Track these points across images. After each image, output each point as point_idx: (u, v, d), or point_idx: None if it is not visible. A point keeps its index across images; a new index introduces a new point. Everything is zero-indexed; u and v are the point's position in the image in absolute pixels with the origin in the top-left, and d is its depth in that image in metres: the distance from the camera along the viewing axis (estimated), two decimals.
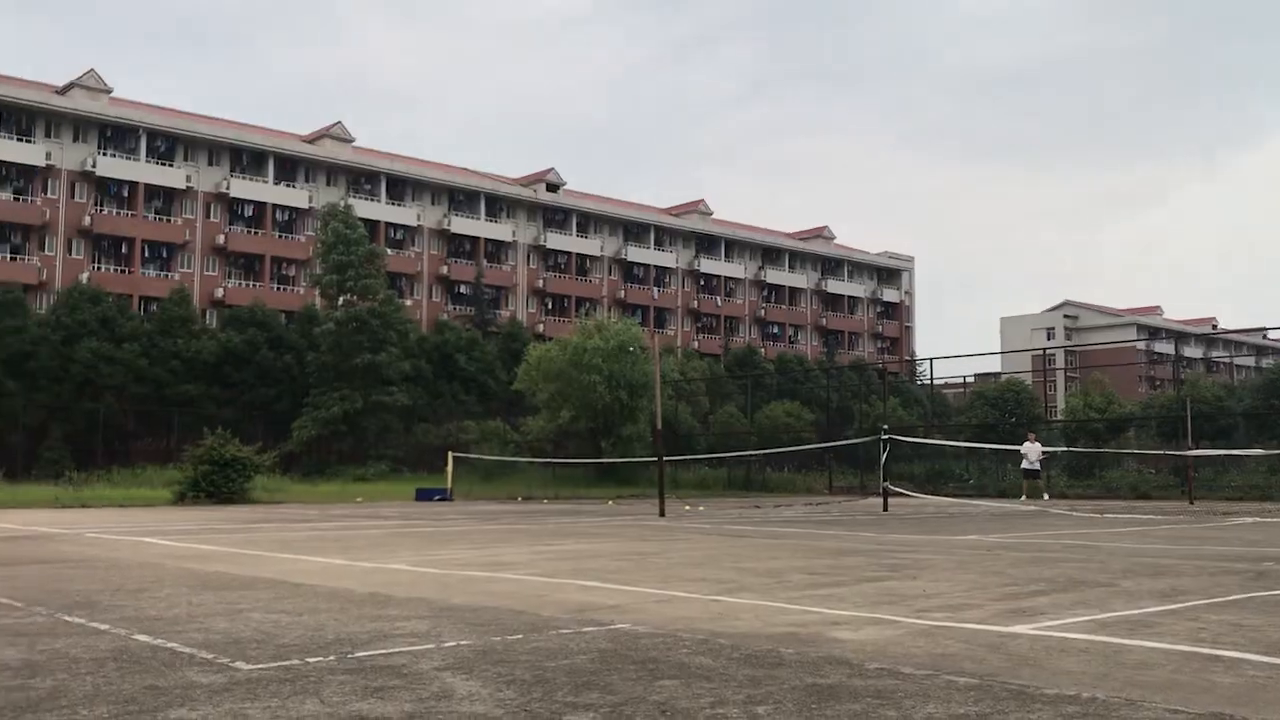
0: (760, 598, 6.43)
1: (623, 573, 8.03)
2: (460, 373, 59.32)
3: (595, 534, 13.42)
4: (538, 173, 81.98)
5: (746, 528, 15.14)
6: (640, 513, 20.65)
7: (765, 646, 4.62)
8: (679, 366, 53.43)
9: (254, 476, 28.13)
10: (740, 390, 51.69)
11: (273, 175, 68.40)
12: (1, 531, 14.06)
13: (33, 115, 60.74)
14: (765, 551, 10.38)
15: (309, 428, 49.35)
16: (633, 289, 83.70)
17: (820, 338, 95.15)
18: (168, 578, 7.75)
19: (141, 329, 52.26)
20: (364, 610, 5.85)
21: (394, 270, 65.77)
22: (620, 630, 5.06)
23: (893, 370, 68.56)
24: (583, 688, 3.74)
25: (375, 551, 10.48)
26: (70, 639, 4.82)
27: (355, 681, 3.84)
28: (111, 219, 61.91)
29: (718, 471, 39.83)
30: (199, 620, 5.44)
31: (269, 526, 15.66)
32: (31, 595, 6.59)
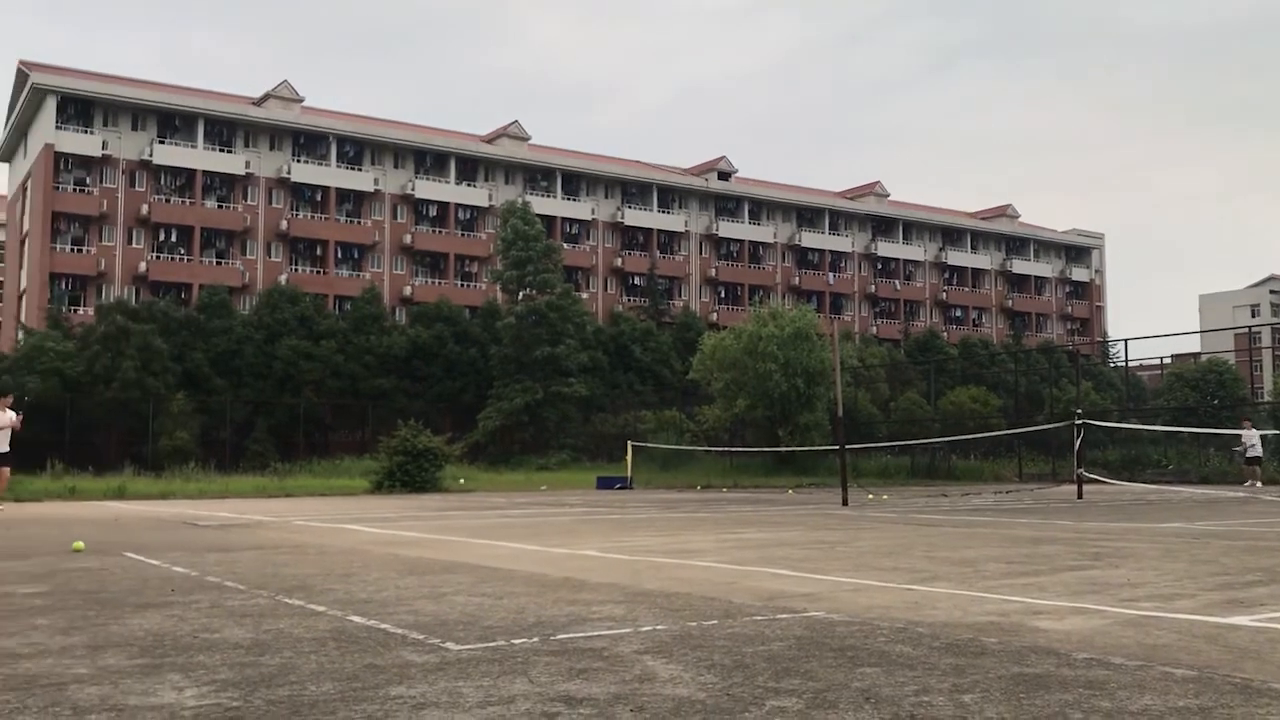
0: (956, 586, 6.29)
1: (811, 561, 7.98)
2: (636, 363, 60.04)
3: (779, 522, 13.37)
4: (709, 162, 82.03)
5: (935, 516, 14.82)
6: (822, 501, 20.46)
7: (966, 635, 4.52)
8: (857, 353, 52.65)
9: (444, 466, 29.18)
10: (922, 376, 50.56)
11: (454, 176, 70.65)
12: (217, 520, 14.99)
13: (233, 126, 64.44)
14: (957, 540, 10.14)
15: (493, 418, 50.84)
16: (807, 275, 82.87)
17: (1006, 320, 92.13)
18: (373, 563, 8.12)
19: (336, 326, 54.85)
20: (560, 594, 6.00)
21: (570, 264, 67.06)
22: (815, 618, 5.04)
23: (1084, 352, 65.79)
24: (783, 674, 3.74)
25: (565, 538, 10.72)
26: (291, 620, 5.11)
27: (560, 663, 3.95)
28: (306, 222, 65.15)
29: (900, 460, 39.08)
30: (407, 603, 5.69)
31: (461, 514, 16.21)
32: (251, 579, 7.01)
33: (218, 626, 4.90)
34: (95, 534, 11.58)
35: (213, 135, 63.74)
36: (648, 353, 60.96)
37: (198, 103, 63.53)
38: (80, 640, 4.57)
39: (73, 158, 59.75)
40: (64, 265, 58.90)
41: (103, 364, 45.19)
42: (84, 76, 62.57)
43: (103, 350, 45.69)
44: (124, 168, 60.95)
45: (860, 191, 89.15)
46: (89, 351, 45.91)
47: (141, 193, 61.22)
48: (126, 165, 61.03)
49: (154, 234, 61.22)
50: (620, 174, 77.39)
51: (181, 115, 62.69)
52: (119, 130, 61.19)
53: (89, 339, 46.72)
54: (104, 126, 60.89)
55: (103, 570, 7.66)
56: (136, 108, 61.65)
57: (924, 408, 45.79)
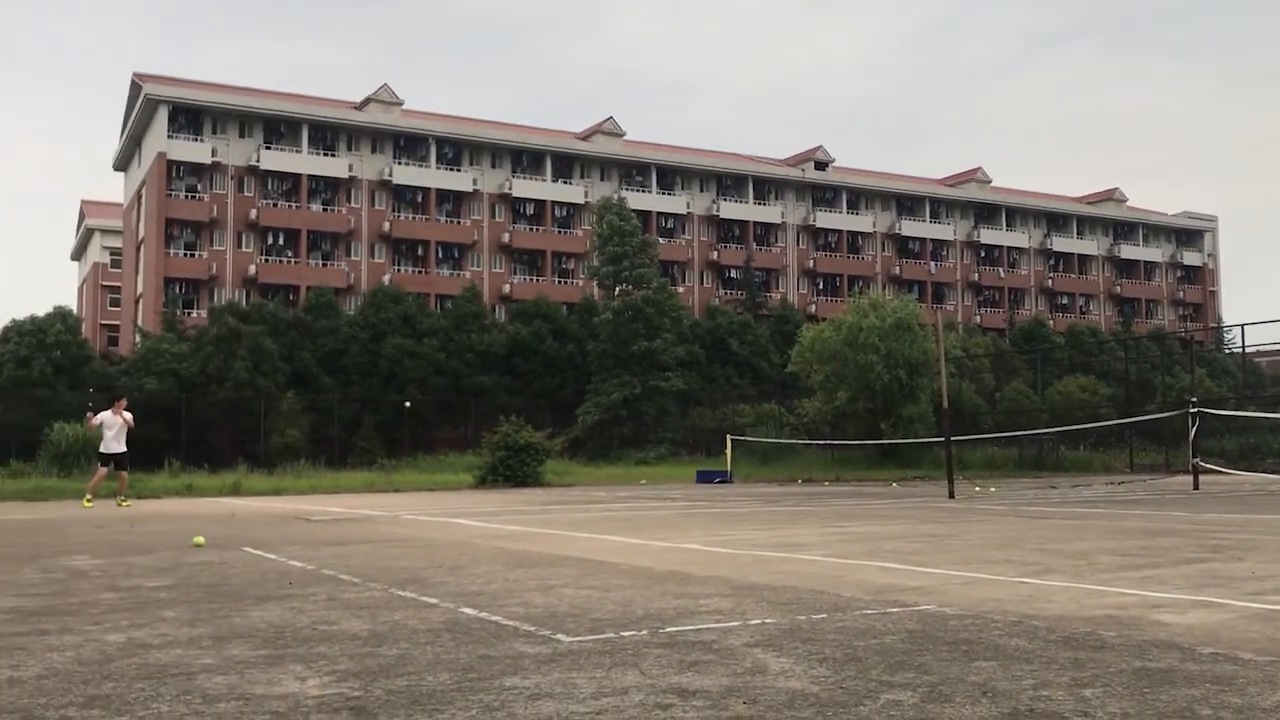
0: (1071, 580, 6.15)
1: (920, 554, 7.88)
2: (733, 356, 59.86)
3: (884, 516, 13.22)
4: (805, 152, 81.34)
5: (1045, 508, 14.50)
6: (927, 494, 20.17)
7: (1083, 629, 4.42)
8: (961, 342, 51.71)
9: (545, 461, 29.47)
10: (1028, 365, 49.43)
11: (550, 173, 71.28)
12: (328, 515, 15.36)
13: (335, 131, 65.96)
14: (1069, 532, 9.91)
15: (592, 413, 51.17)
16: (908, 264, 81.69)
17: (1114, 307, 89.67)
18: (481, 556, 8.25)
19: (438, 325, 55.79)
20: (666, 587, 6.02)
21: (666, 258, 67.16)
22: (927, 611, 4.97)
23: (1198, 338, 63.63)
24: (897, 667, 3.70)
25: (667, 531, 10.75)
26: (406, 611, 5.22)
27: (670, 655, 3.96)
28: (408, 224, 66.39)
29: (1007, 451, 38.25)
30: (517, 595, 5.76)
31: (563, 508, 16.36)
32: (365, 572, 7.17)
33: (335, 618, 5.03)
34: (214, 529, 11.97)
35: (317, 140, 65.32)
36: (745, 346, 60.73)
37: (301, 109, 65.18)
38: (206, 631, 4.73)
39: (184, 165, 61.80)
40: (177, 270, 60.98)
41: (216, 365, 46.69)
42: (193, 86, 64.64)
43: (215, 351, 47.20)
44: (233, 174, 62.85)
45: (961, 178, 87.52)
46: (203, 353, 47.45)
47: (250, 197, 63.06)
48: (235, 171, 62.92)
49: (262, 237, 63.01)
50: (715, 167, 77.21)
51: (286, 121, 64.39)
52: (227, 137, 63.11)
53: (202, 341, 48.30)
54: (213, 134, 62.87)
55: (223, 564, 7.91)
56: (244, 115, 63.49)
57: (1030, 398, 44.74)
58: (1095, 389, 45.95)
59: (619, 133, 74.92)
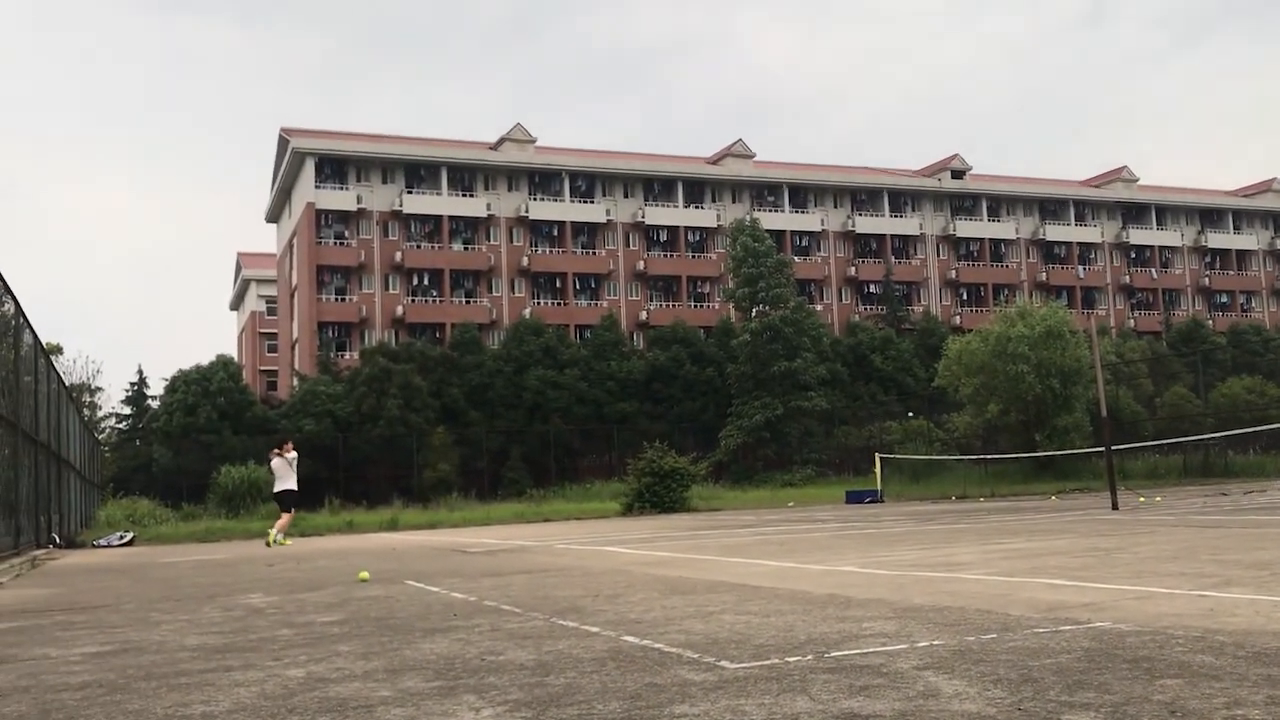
0: (1255, 591, 5.85)
1: (1088, 569, 7.60)
2: (877, 373, 58.96)
3: (1045, 530, 12.80)
4: (941, 161, 79.87)
5: (1217, 517, 13.83)
6: (1088, 506, 19.46)
7: (1275, 644, 4.20)
8: (1115, 348, 49.87)
9: (690, 486, 29.51)
10: (1188, 368, 47.36)
11: (682, 199, 71.68)
12: (483, 546, 15.67)
13: (473, 172, 67.73)
14: (1247, 542, 9.43)
15: (735, 436, 51.04)
16: (1054, 269, 79.28)
17: (1278, 303, 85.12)
18: (637, 583, 8.30)
19: (579, 355, 56.55)
20: (826, 611, 5.95)
21: (802, 277, 66.69)
22: (1101, 629, 4.80)
23: None
24: (1075, 687, 3.58)
25: (821, 554, 10.62)
26: (569, 640, 5.29)
27: (838, 680, 3.92)
28: (545, 257, 67.59)
29: (1170, 459, 36.69)
30: (676, 622, 5.78)
31: (713, 533, 16.33)
32: (525, 602, 7.29)
33: (501, 649, 5.13)
34: (376, 564, 12.34)
35: (455, 182, 67.20)
36: (888, 361, 59.77)
37: (440, 152, 67.16)
38: (380, 664, 4.88)
39: (331, 213, 64.29)
40: (329, 314, 63.35)
41: (369, 404, 48.29)
42: (337, 137, 67.29)
43: (368, 391, 48.83)
44: (377, 219, 65.09)
45: (1106, 178, 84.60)
46: (356, 393, 49.16)
47: (394, 241, 65.17)
48: (380, 216, 65.15)
49: (408, 279, 65.00)
50: (848, 182, 76.46)
51: (426, 165, 66.43)
52: (371, 184, 65.43)
53: (355, 381, 50.04)
54: (357, 182, 65.27)
55: (389, 598, 8.15)
56: (385, 162, 65.77)
57: (1193, 402, 42.85)
58: (1263, 389, 43.74)
59: (749, 154, 74.90)
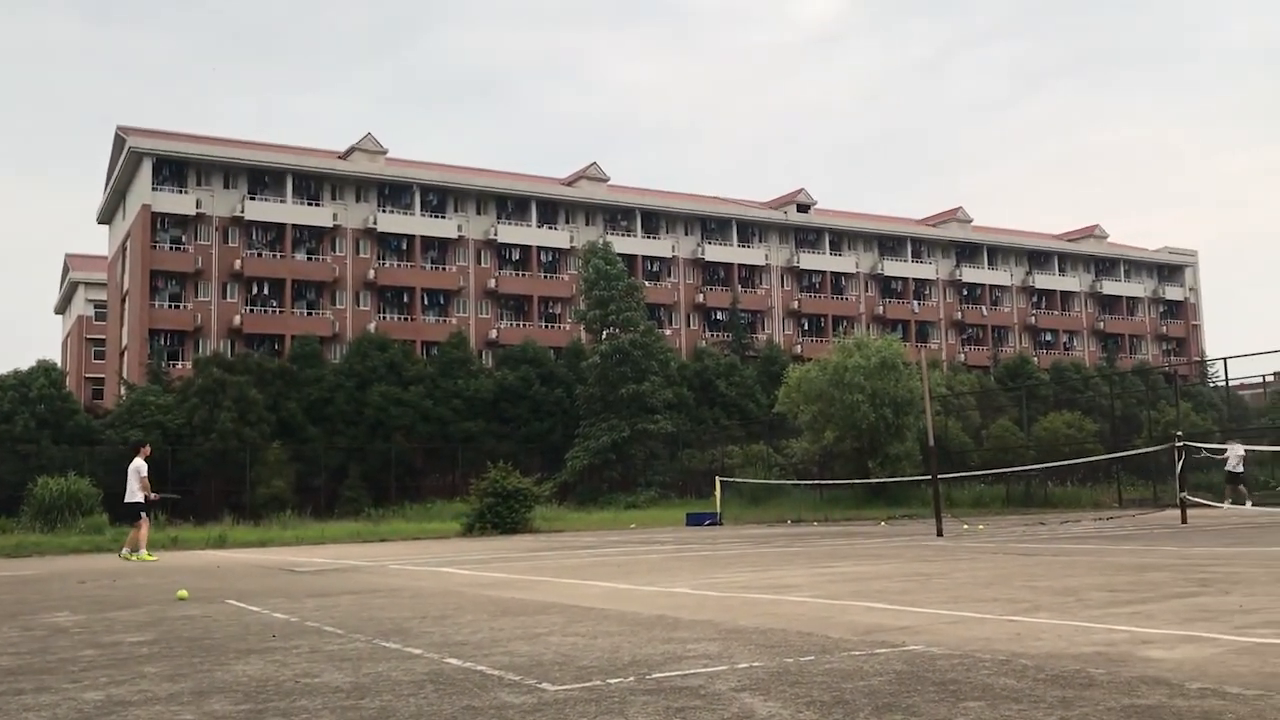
0: (1060, 617, 6.13)
1: (908, 594, 7.84)
2: (721, 398, 59.87)
3: (873, 555, 13.17)
4: (788, 194, 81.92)
5: (1033, 545, 14.47)
6: (915, 533, 20.12)
7: (1072, 667, 4.39)
8: (946, 380, 51.83)
9: (534, 507, 29.34)
10: (1013, 402, 49.52)
11: (536, 219, 71.56)
12: (314, 566, 15.23)
13: (320, 180, 66.18)
14: (1058, 569, 9.88)
15: (581, 458, 51.03)
16: (891, 304, 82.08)
17: (1098, 342, 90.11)
18: (468, 605, 8.18)
19: (424, 372, 55.69)
20: (654, 633, 5.97)
21: (652, 301, 67.32)
22: (914, 652, 4.94)
23: (1182, 373, 63.94)
24: (884, 709, 3.67)
25: (656, 575, 10.68)
26: (389, 663, 5.16)
27: (656, 702, 3.92)
28: (393, 271, 66.44)
29: (994, 488, 38.24)
30: (502, 644, 5.71)
31: (552, 554, 16.26)
32: (349, 623, 7.10)
33: (318, 671, 4.97)
34: (198, 582, 11.85)
35: (301, 190, 65.51)
36: (733, 387, 60.78)
37: (286, 159, 65.41)
38: (187, 687, 4.67)
39: (169, 217, 61.83)
40: (162, 321, 60.81)
41: (201, 416, 46.47)
42: (178, 139, 64.85)
43: (201, 403, 46.99)
44: (217, 225, 62.89)
45: (942, 218, 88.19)
46: (188, 404, 47.25)
47: (235, 248, 63.07)
48: (220, 222, 62.97)
49: (247, 288, 62.94)
50: (699, 210, 77.66)
51: (271, 172, 64.57)
52: (212, 189, 63.22)
53: (188, 392, 48.11)
54: (197, 185, 62.97)
55: (206, 618, 7.83)
56: (228, 166, 63.66)
57: (1017, 435, 44.79)
58: (1081, 425, 46.05)
59: (603, 178, 75.36)
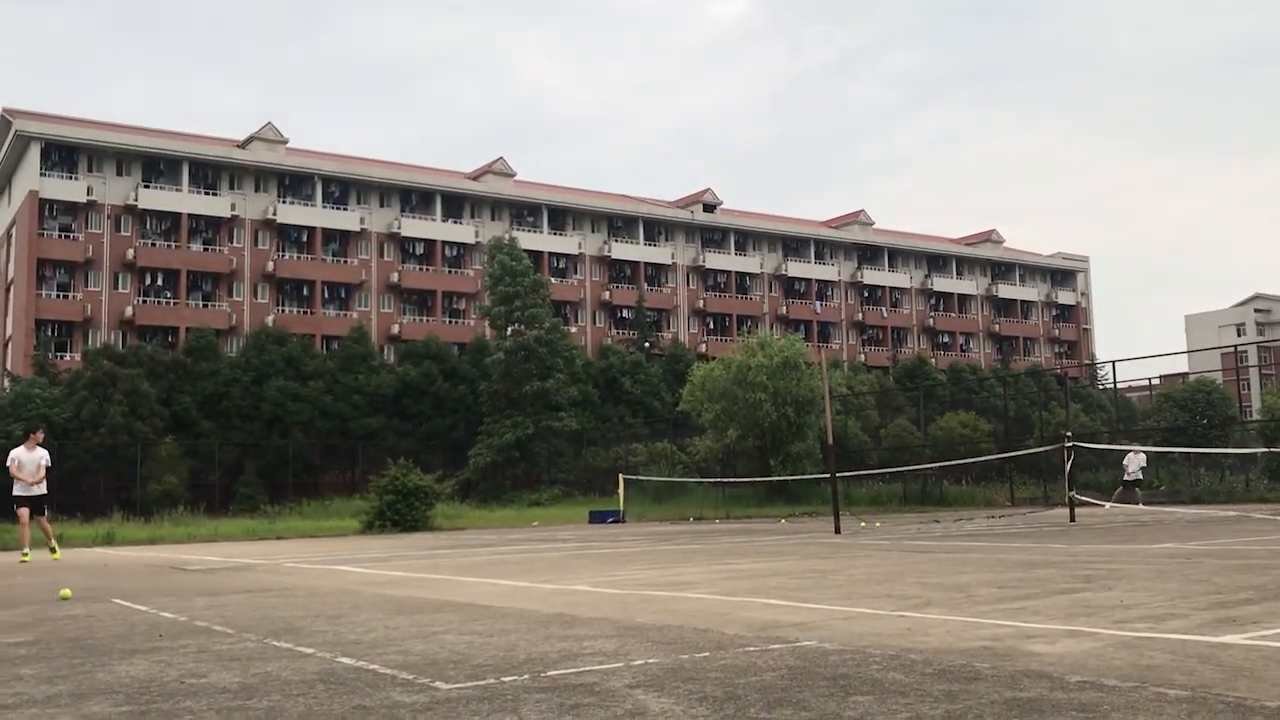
0: (949, 612, 6.27)
1: (804, 590, 7.95)
2: (626, 396, 60.02)
3: (771, 552, 13.32)
4: (694, 194, 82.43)
5: (927, 543, 14.79)
6: (814, 530, 20.41)
7: (959, 661, 4.50)
8: (846, 380, 52.68)
9: (435, 504, 29.02)
10: (911, 402, 50.56)
11: (440, 213, 70.83)
12: (205, 564, 14.87)
13: (217, 169, 64.57)
14: (950, 566, 10.12)
15: (484, 455, 50.68)
16: (794, 304, 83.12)
17: (993, 344, 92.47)
18: (363, 603, 8.06)
19: (324, 367, 54.75)
20: (551, 630, 5.96)
21: (558, 298, 67.11)
22: (807, 647, 5.01)
23: (1072, 375, 65.97)
24: (775, 704, 3.71)
25: (556, 573, 10.66)
26: (280, 662, 5.06)
27: (550, 699, 3.91)
28: (293, 263, 65.15)
29: (892, 486, 39.02)
30: (396, 643, 5.64)
31: (452, 552, 16.12)
32: (239, 622, 6.94)
33: (205, 671, 4.85)
34: (83, 581, 11.48)
35: (198, 179, 63.83)
36: (638, 385, 60.96)
37: (182, 146, 63.67)
38: (65, 689, 4.52)
39: (57, 204, 59.72)
40: (50, 311, 58.72)
41: (90, 410, 45.00)
42: (68, 123, 62.68)
43: (90, 396, 45.50)
44: (109, 213, 60.95)
45: (845, 220, 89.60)
46: (76, 397, 45.72)
47: (127, 237, 61.20)
48: (112, 210, 61.02)
49: (140, 278, 61.13)
50: (606, 208, 77.69)
51: (166, 159, 62.80)
52: (104, 176, 61.24)
53: (76, 385, 46.54)
54: (89, 172, 60.94)
55: (90, 617, 7.58)
56: (121, 153, 61.73)
57: (914, 434, 45.76)
58: (976, 425, 47.20)
59: (510, 173, 74.93)
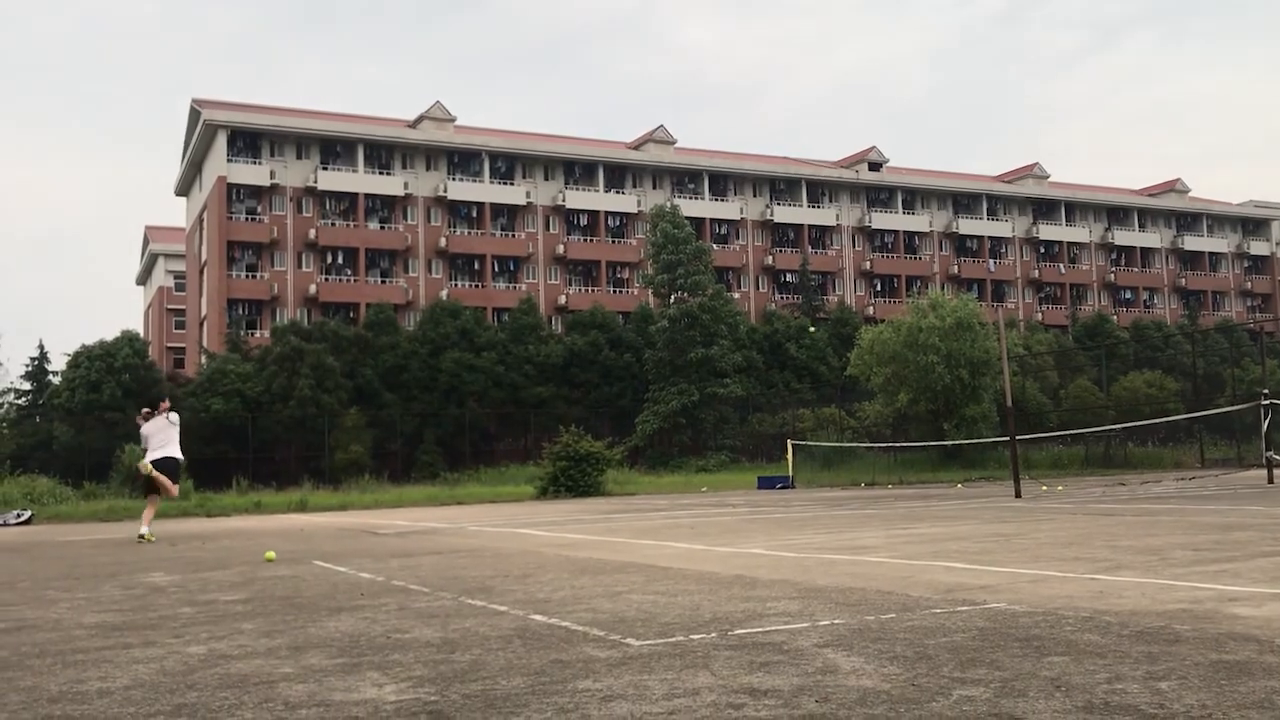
0: (1143, 575, 6.07)
1: (988, 554, 7.82)
2: (791, 361, 59.61)
3: (950, 517, 13.10)
4: (858, 153, 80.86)
5: (1114, 505, 14.28)
6: (992, 495, 19.95)
7: (1157, 624, 4.37)
8: (1023, 340, 51.07)
9: (605, 470, 29.55)
10: (1092, 362, 48.69)
11: (603, 184, 71.53)
12: (394, 528, 15.55)
13: (390, 149, 66.78)
14: (1140, 529, 9.76)
15: (651, 422, 51.24)
16: (966, 263, 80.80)
17: (1179, 300, 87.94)
18: (548, 564, 8.32)
19: (496, 338, 56.19)
20: (733, 591, 6.04)
21: (720, 264, 67.05)
22: (996, 609, 4.95)
23: (1268, 329, 62.24)
24: (968, 664, 3.70)
25: (730, 537, 10.75)
26: (476, 619, 5.29)
27: (740, 657, 3.99)
28: (463, 239, 66.98)
29: (1073, 449, 37.71)
30: (584, 601, 5.82)
31: (626, 516, 16.41)
32: (434, 582, 7.27)
33: (408, 627, 5.11)
34: (284, 544, 12.17)
35: (372, 159, 66.20)
36: (803, 350, 60.45)
37: (357, 129, 66.09)
38: (283, 642, 4.83)
39: (243, 188, 62.91)
40: (240, 291, 62.05)
41: (280, 384, 47.43)
42: (251, 110, 65.82)
43: (279, 370, 47.96)
44: (291, 195, 63.86)
45: (1018, 174, 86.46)
46: (266, 372, 48.25)
47: (308, 218, 64.03)
48: (293, 192, 63.92)
49: (321, 257, 63.92)
50: (767, 171, 77.01)
51: (342, 142, 65.32)
52: (285, 160, 64.14)
53: (266, 360, 49.11)
54: (271, 157, 63.93)
55: (295, 577, 8.06)
56: (300, 137, 64.51)
57: (1096, 395, 44.06)
58: (1162, 384, 45.13)
59: (670, 140, 75.02)
